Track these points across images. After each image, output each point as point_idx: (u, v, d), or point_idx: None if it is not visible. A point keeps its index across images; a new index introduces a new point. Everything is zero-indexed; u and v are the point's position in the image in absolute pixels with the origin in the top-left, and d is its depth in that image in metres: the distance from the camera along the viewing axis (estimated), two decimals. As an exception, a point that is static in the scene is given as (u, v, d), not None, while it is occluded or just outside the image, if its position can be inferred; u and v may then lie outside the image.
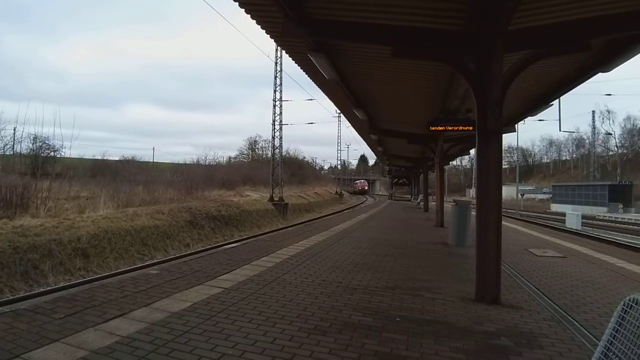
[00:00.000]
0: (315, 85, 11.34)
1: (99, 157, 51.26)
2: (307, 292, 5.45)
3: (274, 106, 31.35)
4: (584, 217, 28.74)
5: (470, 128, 11.04)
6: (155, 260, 12.82)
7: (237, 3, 5.89)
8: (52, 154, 30.54)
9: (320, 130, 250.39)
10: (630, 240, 19.75)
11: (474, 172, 52.27)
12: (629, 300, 2.18)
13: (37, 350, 3.33)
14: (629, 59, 7.13)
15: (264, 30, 7.11)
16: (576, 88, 9.95)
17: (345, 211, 31.00)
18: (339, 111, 28.44)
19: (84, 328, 3.83)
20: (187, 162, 57.18)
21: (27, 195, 13.85)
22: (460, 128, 11.42)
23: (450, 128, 11.57)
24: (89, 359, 3.22)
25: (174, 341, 3.61)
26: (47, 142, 30.02)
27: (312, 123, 58.48)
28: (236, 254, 8.20)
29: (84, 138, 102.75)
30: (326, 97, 13.48)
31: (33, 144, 29.21)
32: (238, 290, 5.39)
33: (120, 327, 3.87)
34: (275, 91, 30.97)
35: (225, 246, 9.55)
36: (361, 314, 4.63)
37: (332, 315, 4.54)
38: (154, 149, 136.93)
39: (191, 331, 3.86)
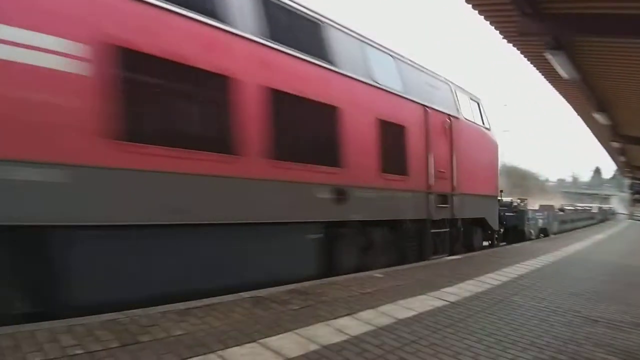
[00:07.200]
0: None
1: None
2: (539, 318, 4.74)
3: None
4: None
5: None
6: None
7: (470, 5, 5.69)
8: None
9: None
10: None
11: None
12: None
13: (271, 337, 3.59)
14: None
15: (498, 31, 6.66)
16: None
17: (578, 229, 27.05)
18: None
19: (316, 322, 4.08)
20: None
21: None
22: None
23: None
24: (321, 354, 3.36)
25: (402, 349, 3.54)
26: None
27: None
28: (459, 267, 7.86)
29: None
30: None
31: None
32: (464, 306, 5.05)
33: (349, 326, 4.00)
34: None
35: (447, 257, 9.33)
36: (604, 352, 3.80)
37: (571, 349, 3.81)
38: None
39: (418, 341, 3.73)
